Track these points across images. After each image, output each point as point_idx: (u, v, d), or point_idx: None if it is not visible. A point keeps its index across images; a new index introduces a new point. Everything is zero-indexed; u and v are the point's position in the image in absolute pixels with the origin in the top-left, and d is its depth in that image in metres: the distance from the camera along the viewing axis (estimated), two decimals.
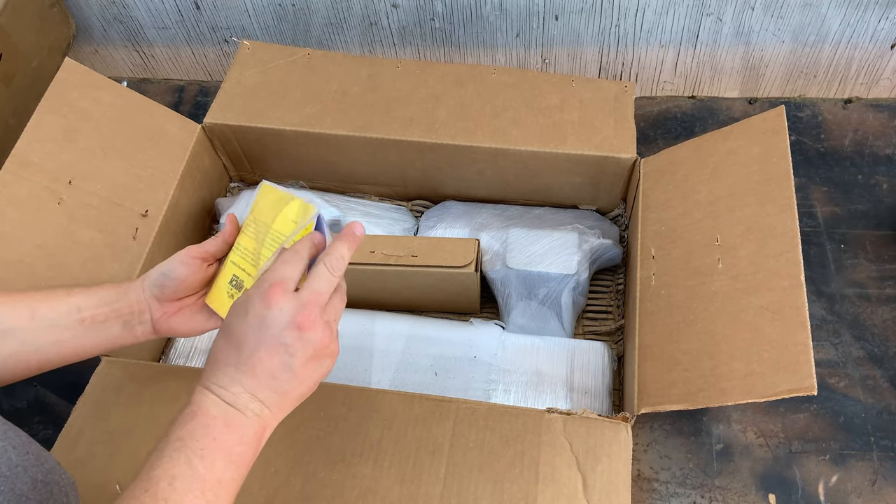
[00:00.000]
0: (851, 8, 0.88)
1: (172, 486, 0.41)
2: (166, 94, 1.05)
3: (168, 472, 0.41)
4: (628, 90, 0.80)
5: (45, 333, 0.54)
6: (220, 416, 0.44)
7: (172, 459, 0.42)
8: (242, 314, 0.46)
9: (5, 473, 0.44)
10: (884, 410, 0.73)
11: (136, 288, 0.57)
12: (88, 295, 0.56)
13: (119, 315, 0.56)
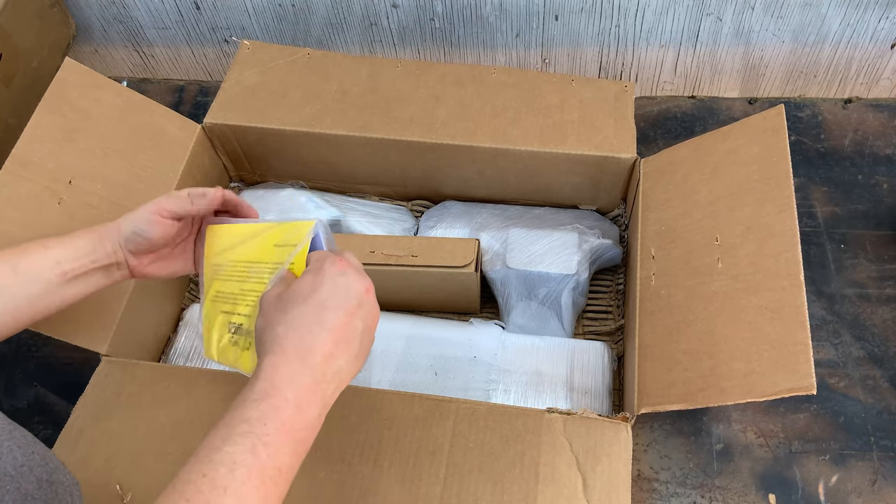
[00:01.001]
0: (851, 8, 0.88)
1: (233, 473, 0.39)
2: (166, 94, 1.05)
3: (230, 457, 0.40)
4: (628, 90, 0.80)
5: (31, 287, 0.54)
6: (292, 399, 0.42)
7: (236, 445, 0.40)
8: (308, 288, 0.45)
9: (11, 473, 0.44)
10: (884, 410, 0.73)
11: (112, 236, 0.58)
12: (64, 247, 0.56)
13: (98, 266, 0.57)
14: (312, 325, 0.44)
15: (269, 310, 0.46)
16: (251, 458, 0.40)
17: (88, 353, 0.68)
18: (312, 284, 0.45)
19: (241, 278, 0.56)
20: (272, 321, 0.45)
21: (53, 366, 0.81)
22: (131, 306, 0.71)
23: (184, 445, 0.62)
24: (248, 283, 0.55)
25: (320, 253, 0.49)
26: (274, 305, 0.46)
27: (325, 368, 0.44)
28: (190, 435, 0.62)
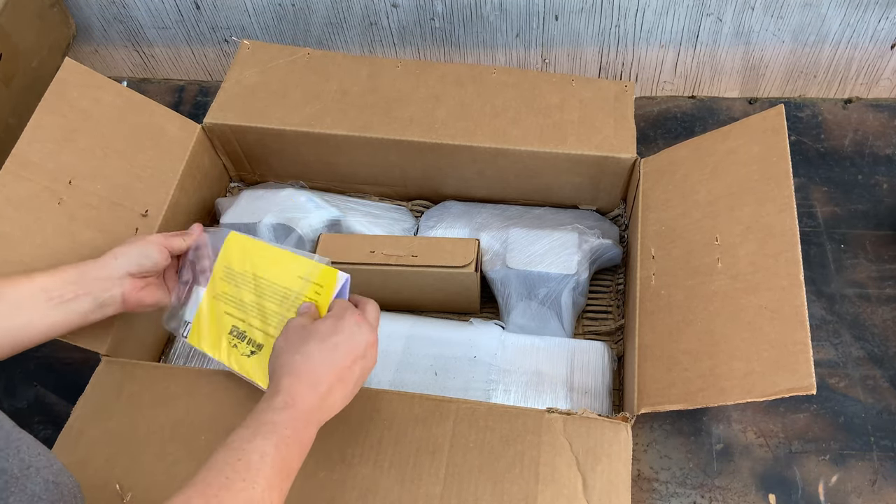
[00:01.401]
0: (851, 8, 0.88)
1: (263, 460, 0.46)
2: (166, 94, 1.05)
3: (260, 448, 0.47)
4: (628, 90, 0.80)
5: (14, 314, 0.56)
6: (303, 414, 0.50)
7: (265, 439, 0.47)
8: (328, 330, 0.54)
9: (17, 475, 0.44)
10: (884, 410, 0.73)
11: (106, 264, 0.61)
12: (50, 276, 0.59)
13: (88, 292, 0.60)
14: (324, 361, 0.52)
15: (292, 336, 0.54)
16: (275, 452, 0.47)
17: (88, 353, 0.68)
18: (332, 328, 0.54)
19: (259, 294, 0.64)
20: (293, 347, 0.53)
21: (53, 366, 0.81)
22: None
23: (184, 445, 0.62)
24: (266, 301, 0.63)
25: (346, 303, 0.57)
26: (297, 333, 0.54)
27: (326, 398, 0.52)
28: (190, 435, 0.62)
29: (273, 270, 0.64)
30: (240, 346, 0.64)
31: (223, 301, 0.66)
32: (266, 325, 0.63)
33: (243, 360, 0.63)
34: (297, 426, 0.49)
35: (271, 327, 0.62)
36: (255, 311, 0.64)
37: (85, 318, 0.60)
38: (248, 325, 0.64)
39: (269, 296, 0.64)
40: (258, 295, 0.64)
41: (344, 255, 0.75)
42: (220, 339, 0.65)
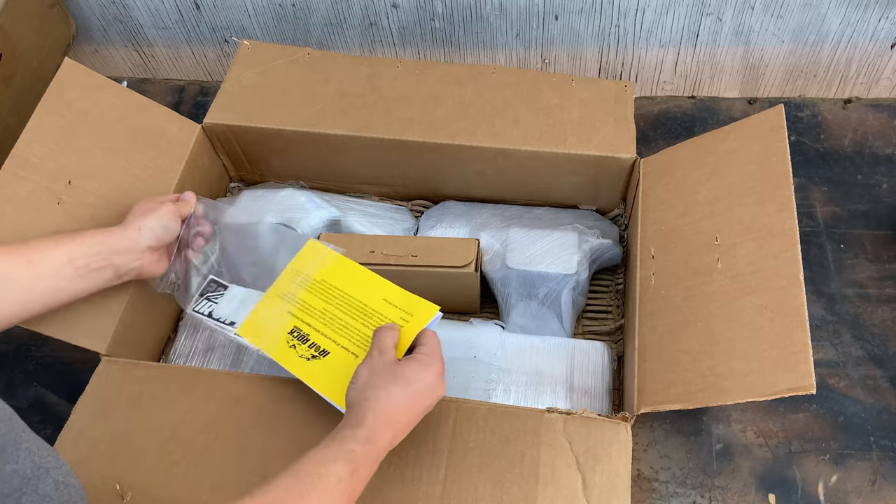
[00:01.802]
0: (851, 8, 0.88)
1: (338, 485, 0.49)
2: (166, 94, 1.05)
3: (338, 472, 0.49)
4: (628, 90, 0.80)
5: (44, 282, 0.59)
6: (377, 450, 0.52)
7: (344, 465, 0.49)
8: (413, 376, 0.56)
9: (28, 475, 0.45)
10: (884, 410, 0.73)
11: (130, 237, 0.65)
12: (77, 244, 0.61)
13: (112, 264, 0.63)
14: (403, 406, 0.54)
15: (381, 372, 0.56)
16: (349, 480, 0.49)
17: (88, 353, 0.68)
18: (417, 376, 0.55)
19: (334, 304, 0.66)
20: (380, 384, 0.55)
21: (53, 366, 0.81)
22: (131, 306, 0.71)
23: (183, 445, 0.62)
24: (341, 312, 0.65)
25: (436, 350, 0.59)
26: (386, 372, 0.55)
27: (395, 440, 0.54)
28: (190, 435, 0.62)
29: (356, 286, 0.67)
30: (299, 348, 0.64)
31: (288, 301, 0.68)
32: (337, 335, 0.64)
33: (301, 363, 0.64)
34: (369, 461, 0.51)
35: (343, 339, 0.64)
36: (326, 318, 0.65)
37: (105, 286, 0.64)
38: (312, 329, 0.65)
39: (346, 308, 0.66)
40: (333, 305, 0.66)
41: None
42: (276, 336, 0.66)
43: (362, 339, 0.64)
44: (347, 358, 0.63)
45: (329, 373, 0.62)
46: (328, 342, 0.64)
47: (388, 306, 0.65)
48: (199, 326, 0.79)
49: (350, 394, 0.56)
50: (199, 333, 0.79)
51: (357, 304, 0.66)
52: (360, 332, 0.64)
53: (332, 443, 0.51)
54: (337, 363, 0.63)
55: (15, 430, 0.46)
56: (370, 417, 0.53)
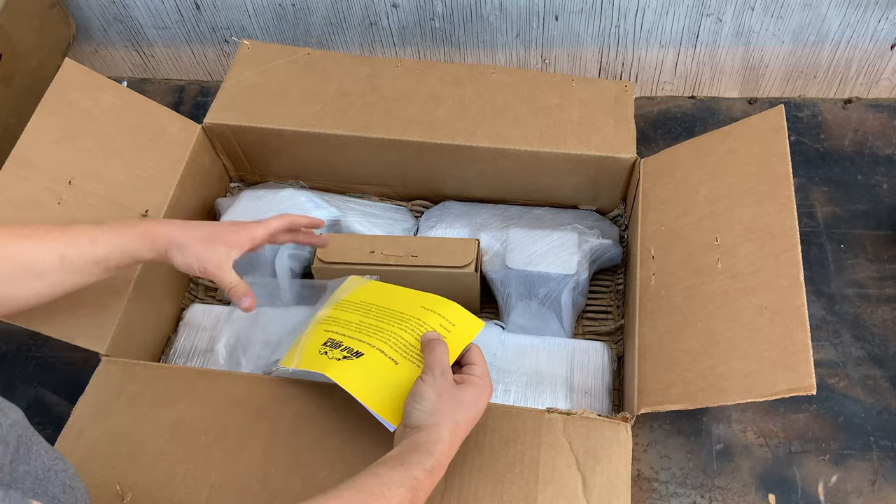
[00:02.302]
0: (851, 8, 0.88)
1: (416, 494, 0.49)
2: (166, 94, 1.05)
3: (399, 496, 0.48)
4: (628, 90, 0.80)
5: (71, 277, 0.59)
6: (437, 480, 0.52)
7: (407, 492, 0.49)
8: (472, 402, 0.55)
9: (40, 476, 0.45)
10: (884, 410, 0.73)
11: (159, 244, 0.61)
12: (113, 245, 0.60)
13: (138, 262, 0.63)
14: (463, 434, 0.55)
15: (446, 397, 0.54)
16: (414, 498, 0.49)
17: (88, 353, 0.68)
18: (476, 402, 0.55)
19: (371, 316, 0.65)
20: (448, 410, 0.54)
21: (53, 366, 0.81)
22: (131, 306, 0.71)
23: (183, 445, 0.62)
24: (376, 320, 0.64)
25: (486, 371, 0.58)
26: (451, 397, 0.55)
27: (447, 463, 0.53)
28: (190, 435, 0.62)
29: (392, 300, 0.67)
30: (331, 353, 0.63)
31: (326, 323, 0.67)
32: (371, 338, 0.62)
33: (332, 363, 0.61)
34: (428, 490, 0.51)
35: (378, 342, 0.62)
36: (362, 328, 0.64)
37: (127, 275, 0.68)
38: (345, 336, 0.64)
39: (382, 317, 0.65)
40: (369, 317, 0.65)
41: (344, 256, 0.75)
42: (309, 350, 0.65)
43: (399, 342, 0.61)
44: (385, 363, 0.60)
45: (362, 374, 0.60)
46: (361, 345, 0.62)
47: (427, 312, 0.64)
48: (199, 326, 0.79)
49: (415, 414, 0.54)
50: (199, 333, 0.79)
51: (393, 313, 0.65)
52: (396, 335, 0.62)
53: (400, 466, 0.50)
54: (372, 366, 0.60)
55: (27, 432, 0.46)
56: (440, 449, 0.52)
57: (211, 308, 0.81)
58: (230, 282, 0.63)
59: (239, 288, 0.64)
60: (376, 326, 0.63)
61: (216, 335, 0.78)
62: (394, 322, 0.63)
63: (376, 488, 0.48)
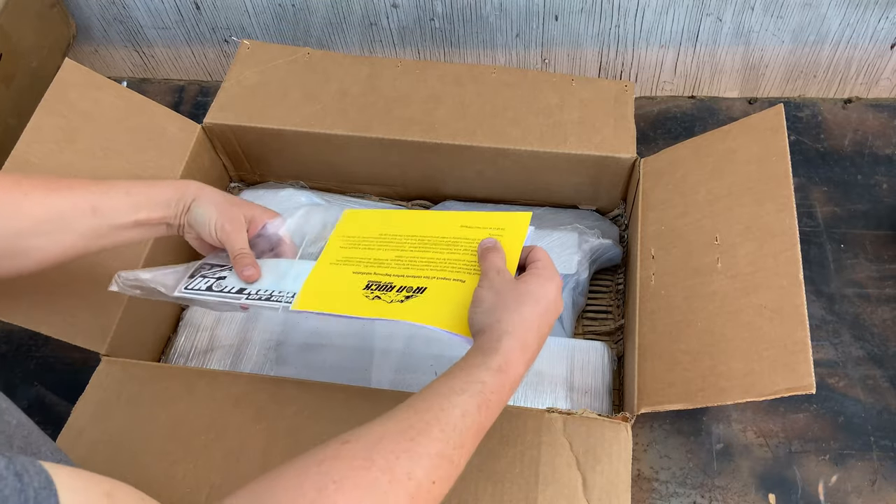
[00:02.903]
0: (851, 8, 0.88)
1: (464, 419, 0.45)
2: (166, 94, 1.05)
3: (463, 405, 0.45)
4: (628, 90, 0.80)
5: (103, 230, 0.58)
6: (512, 380, 0.48)
7: (472, 398, 0.45)
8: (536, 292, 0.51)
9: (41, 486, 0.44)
10: (884, 410, 0.73)
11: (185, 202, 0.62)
12: (148, 196, 0.60)
13: (168, 222, 0.62)
14: (535, 328, 0.50)
15: (506, 293, 0.51)
16: (476, 413, 0.45)
17: (88, 353, 0.68)
18: (542, 290, 0.52)
19: (408, 249, 0.62)
20: (509, 305, 0.50)
21: (53, 366, 0.81)
22: (131, 306, 0.71)
23: (183, 445, 0.62)
24: (421, 252, 0.61)
25: (549, 261, 0.55)
26: (511, 291, 0.51)
27: (529, 364, 0.50)
28: (189, 434, 0.62)
29: (423, 227, 0.63)
30: (385, 296, 0.57)
31: (347, 265, 0.62)
32: (427, 271, 0.58)
33: (396, 307, 0.56)
34: (503, 391, 0.47)
35: (437, 272, 0.58)
36: (404, 263, 0.60)
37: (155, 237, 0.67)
38: (394, 276, 0.59)
39: (424, 247, 0.61)
40: (406, 250, 0.62)
41: None
42: (348, 296, 0.59)
43: (459, 266, 0.58)
44: (453, 287, 0.57)
45: (436, 306, 0.55)
46: (420, 280, 0.58)
47: (472, 230, 0.60)
48: (199, 326, 0.79)
49: (476, 318, 0.51)
50: (199, 333, 0.79)
51: (434, 240, 0.61)
52: (451, 260, 0.59)
53: (460, 372, 0.47)
54: (442, 294, 0.56)
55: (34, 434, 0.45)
56: (506, 343, 0.48)
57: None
58: (241, 246, 0.62)
59: (246, 256, 0.62)
60: (424, 259, 0.60)
61: (216, 335, 0.78)
62: (440, 248, 0.60)
63: (434, 400, 0.45)
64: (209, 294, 0.62)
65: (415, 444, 0.42)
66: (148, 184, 0.61)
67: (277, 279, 0.62)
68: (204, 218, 0.61)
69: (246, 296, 0.61)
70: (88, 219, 0.57)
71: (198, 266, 0.66)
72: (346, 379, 0.73)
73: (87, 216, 0.56)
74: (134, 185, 0.60)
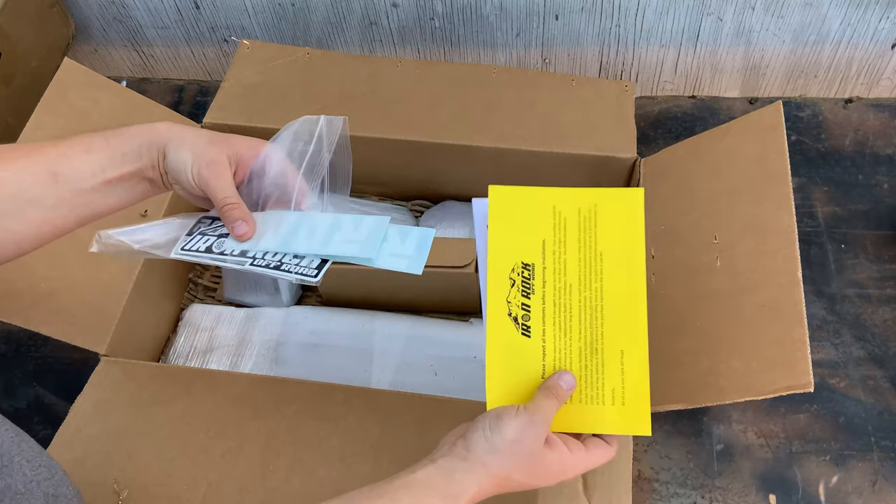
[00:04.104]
0: (852, 8, 0.88)
1: None
2: (166, 94, 1.05)
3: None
4: (628, 90, 0.80)
5: (72, 195, 0.50)
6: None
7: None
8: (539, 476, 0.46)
9: (21, 490, 0.44)
10: (884, 411, 0.72)
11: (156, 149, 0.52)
12: (111, 148, 0.51)
13: (143, 175, 0.53)
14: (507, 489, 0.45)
15: (526, 446, 0.45)
16: None
17: (88, 353, 0.67)
18: (554, 473, 0.46)
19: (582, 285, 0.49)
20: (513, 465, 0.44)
21: (53, 366, 0.81)
22: (131, 306, 0.71)
23: (181, 444, 0.62)
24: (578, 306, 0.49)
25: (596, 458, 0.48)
26: (532, 452, 0.45)
27: None
28: (188, 434, 0.62)
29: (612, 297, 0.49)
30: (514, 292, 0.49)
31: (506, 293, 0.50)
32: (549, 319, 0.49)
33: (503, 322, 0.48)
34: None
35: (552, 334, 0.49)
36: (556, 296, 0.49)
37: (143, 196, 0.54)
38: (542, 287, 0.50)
39: (582, 307, 0.49)
40: (569, 294, 0.50)
41: None
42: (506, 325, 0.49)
43: (565, 358, 0.49)
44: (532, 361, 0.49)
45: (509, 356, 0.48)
46: (539, 324, 0.49)
47: (618, 365, 0.49)
48: (198, 326, 0.79)
49: (475, 437, 0.44)
50: (198, 333, 0.79)
51: (597, 323, 0.49)
52: (570, 352, 0.49)
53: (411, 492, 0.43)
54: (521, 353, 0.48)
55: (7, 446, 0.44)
56: (471, 496, 0.43)
57: (211, 308, 0.81)
58: (225, 195, 0.52)
59: (232, 209, 0.52)
60: (571, 317, 0.49)
61: (216, 335, 0.78)
62: (585, 335, 0.49)
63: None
64: (208, 256, 0.52)
65: None
66: (109, 134, 0.52)
67: (286, 238, 0.53)
68: (179, 163, 0.51)
69: (250, 260, 0.52)
70: (51, 187, 0.49)
71: (197, 220, 0.56)
72: (345, 379, 0.73)
73: (49, 185, 0.49)
74: (94, 139, 0.51)
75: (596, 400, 0.49)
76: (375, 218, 0.53)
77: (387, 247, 0.52)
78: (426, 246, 0.52)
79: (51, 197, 0.49)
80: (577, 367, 0.49)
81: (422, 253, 0.52)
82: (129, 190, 0.53)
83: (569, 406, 0.49)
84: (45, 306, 0.66)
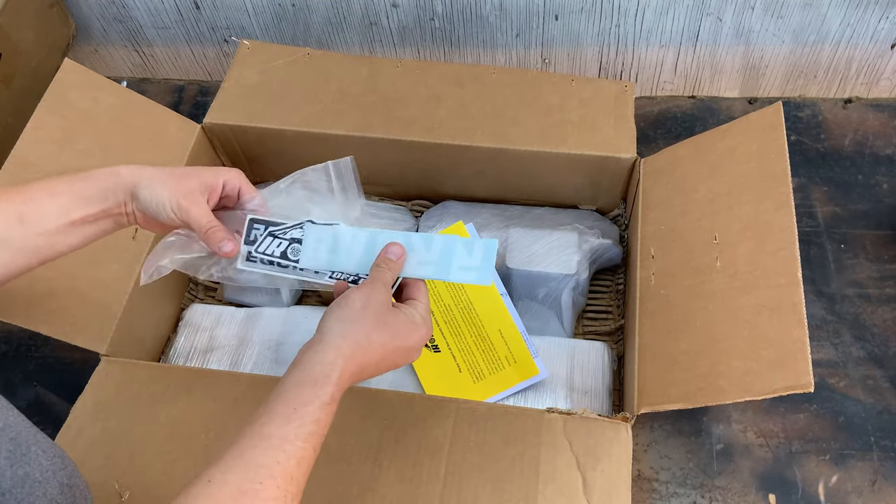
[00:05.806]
0: (851, 8, 0.88)
1: (300, 467, 0.44)
2: (166, 94, 1.05)
3: (299, 452, 0.44)
4: (628, 90, 0.80)
5: (37, 238, 0.53)
6: (335, 408, 0.47)
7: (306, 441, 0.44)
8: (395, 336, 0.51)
9: (38, 479, 0.44)
10: (884, 411, 0.72)
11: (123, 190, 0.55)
12: (73, 193, 0.54)
13: (109, 214, 0.55)
14: (376, 361, 0.50)
15: (372, 312, 0.51)
16: (312, 455, 0.45)
17: (88, 353, 0.68)
18: (406, 334, 0.52)
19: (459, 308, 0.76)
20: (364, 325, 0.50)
21: (53, 366, 0.81)
22: (131, 306, 0.71)
23: (182, 444, 0.62)
24: (463, 321, 0.76)
25: (427, 311, 0.55)
26: (378, 312, 0.51)
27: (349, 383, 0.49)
28: (189, 434, 0.62)
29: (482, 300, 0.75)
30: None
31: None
32: (451, 336, 0.72)
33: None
34: (331, 416, 0.46)
35: (454, 344, 0.70)
36: (448, 316, 0.74)
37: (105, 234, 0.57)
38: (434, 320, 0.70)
39: (465, 315, 0.74)
40: (458, 306, 0.75)
41: None
42: None
43: (468, 355, 0.72)
44: (449, 365, 0.71)
45: (433, 369, 0.70)
46: (442, 340, 0.72)
47: (500, 340, 0.72)
48: (198, 326, 0.79)
49: (328, 319, 0.50)
50: (198, 333, 0.79)
51: (476, 321, 0.72)
52: (469, 347, 0.72)
53: (289, 411, 0.45)
54: (441, 364, 0.71)
55: (24, 435, 0.45)
56: (340, 370, 0.47)
57: (211, 308, 0.81)
58: (206, 221, 0.55)
59: (216, 231, 0.55)
60: (459, 326, 0.73)
61: (216, 335, 0.78)
62: (473, 332, 0.72)
63: (270, 456, 0.43)
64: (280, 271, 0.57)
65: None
66: (72, 179, 0.54)
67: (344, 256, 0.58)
68: (156, 203, 0.54)
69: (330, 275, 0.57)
70: (18, 230, 0.52)
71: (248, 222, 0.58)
72: None
73: (16, 228, 0.52)
74: (58, 183, 0.54)
75: (499, 367, 0.72)
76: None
77: (456, 260, 0.56)
78: (492, 256, 0.56)
79: (19, 239, 0.52)
80: (478, 352, 0.72)
81: (488, 264, 0.56)
82: (94, 229, 0.55)
83: (486, 378, 0.72)
84: (45, 306, 0.66)
